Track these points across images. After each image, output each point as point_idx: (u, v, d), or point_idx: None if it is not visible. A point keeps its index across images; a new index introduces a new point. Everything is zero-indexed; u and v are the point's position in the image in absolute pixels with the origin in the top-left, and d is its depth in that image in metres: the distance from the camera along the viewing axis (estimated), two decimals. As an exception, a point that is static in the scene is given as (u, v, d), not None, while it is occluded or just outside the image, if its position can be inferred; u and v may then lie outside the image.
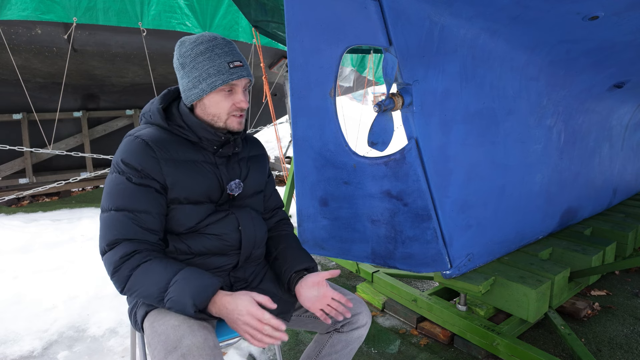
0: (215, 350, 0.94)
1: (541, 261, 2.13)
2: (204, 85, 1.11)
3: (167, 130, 1.16)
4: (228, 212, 1.21)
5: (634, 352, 1.94)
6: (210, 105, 1.14)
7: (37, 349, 1.99)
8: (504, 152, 1.89)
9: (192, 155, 1.16)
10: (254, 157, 1.33)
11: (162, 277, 1.01)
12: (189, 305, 0.98)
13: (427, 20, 1.38)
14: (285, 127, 7.69)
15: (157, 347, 0.96)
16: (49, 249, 3.17)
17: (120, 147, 1.12)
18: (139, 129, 1.16)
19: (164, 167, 1.10)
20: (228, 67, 1.11)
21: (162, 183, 1.10)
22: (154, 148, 1.09)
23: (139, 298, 1.07)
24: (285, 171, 4.71)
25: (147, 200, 1.08)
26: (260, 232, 1.28)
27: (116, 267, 1.03)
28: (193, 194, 1.14)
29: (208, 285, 1.01)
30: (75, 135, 5.40)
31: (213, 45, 1.12)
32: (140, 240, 1.06)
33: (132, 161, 1.07)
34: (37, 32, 4.01)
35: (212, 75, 1.10)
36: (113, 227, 1.06)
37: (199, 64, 1.11)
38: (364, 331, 1.25)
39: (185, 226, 1.15)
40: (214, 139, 1.17)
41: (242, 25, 4.73)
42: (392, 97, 1.41)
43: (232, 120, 1.17)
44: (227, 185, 1.20)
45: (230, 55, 1.13)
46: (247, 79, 1.16)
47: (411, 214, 1.57)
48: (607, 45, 1.73)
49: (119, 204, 1.06)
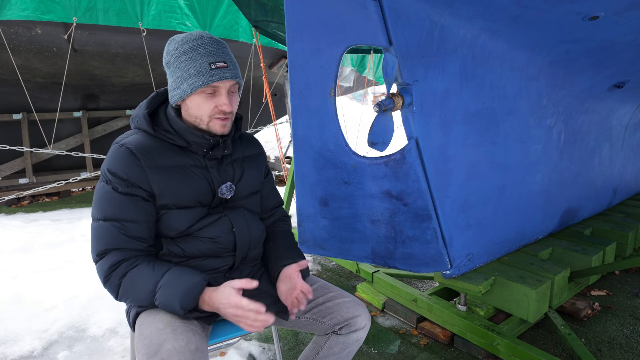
0: (195, 354, 0.94)
1: (541, 261, 2.13)
2: (185, 86, 1.08)
3: (153, 136, 1.14)
4: (221, 214, 1.19)
5: (634, 352, 1.94)
6: (192, 107, 1.11)
7: (37, 349, 1.99)
8: (504, 152, 1.89)
9: (180, 160, 1.14)
10: (249, 157, 1.31)
11: (149, 282, 1.03)
12: (177, 308, 1.00)
13: (427, 20, 1.38)
14: (285, 127, 7.69)
15: (140, 351, 0.97)
16: (49, 249, 3.17)
17: (107, 155, 1.11)
18: (125, 136, 1.14)
19: (150, 174, 1.08)
20: (209, 68, 1.06)
21: (149, 191, 1.09)
22: (139, 156, 1.08)
23: (133, 303, 1.09)
24: (285, 171, 4.71)
25: (134, 209, 1.07)
26: (256, 233, 1.27)
27: (107, 277, 1.05)
28: (182, 199, 1.13)
29: (193, 285, 1.01)
30: (75, 135, 5.40)
31: (197, 45, 1.08)
32: (128, 248, 1.07)
33: (117, 170, 1.07)
34: (37, 32, 4.01)
35: (192, 76, 1.07)
36: (102, 238, 1.06)
37: (181, 64, 1.08)
38: (363, 334, 1.24)
39: (177, 230, 1.14)
40: (202, 142, 1.14)
41: (242, 25, 4.74)
42: (392, 97, 1.40)
43: (214, 123, 1.12)
44: (218, 189, 1.18)
45: (214, 56, 1.08)
46: (231, 80, 1.10)
47: (411, 214, 1.57)
48: (607, 45, 1.73)
49: (106, 214, 1.07)
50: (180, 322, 1.02)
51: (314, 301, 1.26)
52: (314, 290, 1.29)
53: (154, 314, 1.06)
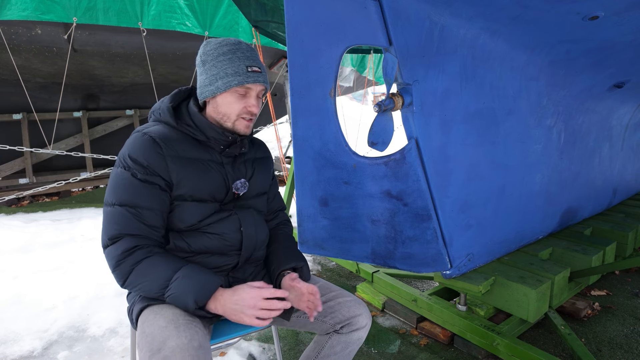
0: (199, 351, 0.94)
1: (541, 261, 2.13)
2: (220, 84, 1.14)
3: (175, 129, 1.18)
4: (231, 212, 1.22)
5: (634, 352, 1.94)
6: (223, 104, 1.17)
7: (37, 349, 1.99)
8: (504, 152, 1.89)
9: (199, 153, 1.18)
10: (259, 159, 1.36)
11: (164, 274, 1.04)
12: (190, 302, 1.01)
13: (427, 20, 1.38)
14: (285, 127, 7.69)
15: (143, 349, 0.97)
16: (49, 249, 3.17)
17: (128, 142, 1.14)
18: (147, 126, 1.18)
19: (170, 163, 1.12)
20: (246, 70, 1.14)
21: (168, 180, 1.12)
22: (161, 145, 1.11)
23: (139, 292, 1.09)
24: (285, 171, 4.71)
25: (151, 197, 1.10)
26: (262, 234, 1.29)
27: (118, 262, 1.05)
28: (198, 192, 1.16)
29: (209, 282, 1.05)
30: (75, 135, 5.40)
31: (236, 49, 1.16)
32: (142, 235, 1.08)
33: (138, 157, 1.09)
34: (37, 32, 4.01)
35: (229, 75, 1.13)
36: (116, 222, 1.07)
37: (219, 63, 1.14)
38: (364, 333, 1.25)
39: (187, 223, 1.16)
40: (221, 139, 1.19)
41: (242, 25, 4.73)
42: (392, 97, 1.41)
43: (240, 123, 1.19)
44: (232, 184, 1.22)
45: (251, 60, 1.16)
46: (262, 85, 1.18)
47: (411, 214, 1.57)
48: (607, 45, 1.73)
49: (122, 199, 1.08)
50: (184, 320, 1.02)
51: None
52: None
53: (156, 311, 1.06)
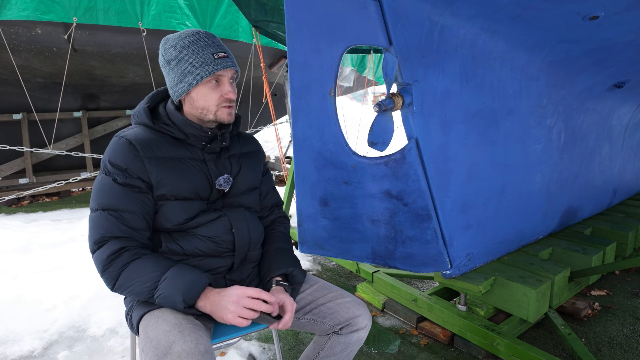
0: (205, 356, 0.93)
1: (541, 261, 2.13)
2: (190, 78, 1.12)
3: (152, 129, 1.17)
4: (220, 213, 1.20)
5: (634, 352, 1.94)
6: (198, 98, 1.15)
7: (37, 349, 1.99)
8: (504, 152, 1.89)
9: (179, 152, 1.17)
10: (247, 154, 1.32)
11: (152, 275, 1.03)
12: (179, 301, 1.00)
13: (427, 20, 1.38)
14: (285, 127, 7.68)
15: (148, 353, 0.96)
16: (49, 249, 3.17)
17: (107, 148, 1.14)
18: (125, 130, 1.17)
19: (148, 165, 1.11)
20: (213, 58, 1.11)
21: (147, 182, 1.11)
22: (137, 147, 1.10)
23: (129, 295, 1.08)
24: (285, 171, 4.71)
25: (132, 200, 1.09)
26: (256, 234, 1.27)
27: (105, 265, 1.05)
28: (180, 190, 1.15)
29: (197, 280, 1.04)
30: (75, 135, 5.40)
31: (196, 39, 1.13)
32: (127, 237, 1.08)
33: (117, 161, 1.09)
34: (37, 32, 4.01)
35: (197, 67, 1.11)
36: (99, 227, 1.07)
37: (183, 58, 1.12)
38: (364, 334, 1.25)
39: (174, 222, 1.15)
40: (200, 135, 1.18)
41: (242, 25, 4.74)
42: (392, 97, 1.40)
43: (222, 112, 1.17)
44: (215, 181, 1.20)
45: (214, 47, 1.13)
46: (232, 69, 1.16)
47: (411, 214, 1.57)
48: (607, 45, 1.73)
49: (104, 204, 1.08)
50: (187, 323, 1.01)
51: (315, 301, 1.26)
52: (314, 290, 1.29)
53: (157, 315, 1.05)
